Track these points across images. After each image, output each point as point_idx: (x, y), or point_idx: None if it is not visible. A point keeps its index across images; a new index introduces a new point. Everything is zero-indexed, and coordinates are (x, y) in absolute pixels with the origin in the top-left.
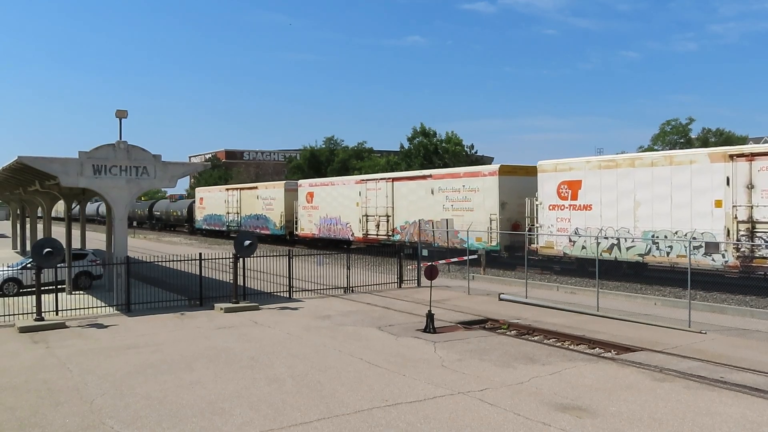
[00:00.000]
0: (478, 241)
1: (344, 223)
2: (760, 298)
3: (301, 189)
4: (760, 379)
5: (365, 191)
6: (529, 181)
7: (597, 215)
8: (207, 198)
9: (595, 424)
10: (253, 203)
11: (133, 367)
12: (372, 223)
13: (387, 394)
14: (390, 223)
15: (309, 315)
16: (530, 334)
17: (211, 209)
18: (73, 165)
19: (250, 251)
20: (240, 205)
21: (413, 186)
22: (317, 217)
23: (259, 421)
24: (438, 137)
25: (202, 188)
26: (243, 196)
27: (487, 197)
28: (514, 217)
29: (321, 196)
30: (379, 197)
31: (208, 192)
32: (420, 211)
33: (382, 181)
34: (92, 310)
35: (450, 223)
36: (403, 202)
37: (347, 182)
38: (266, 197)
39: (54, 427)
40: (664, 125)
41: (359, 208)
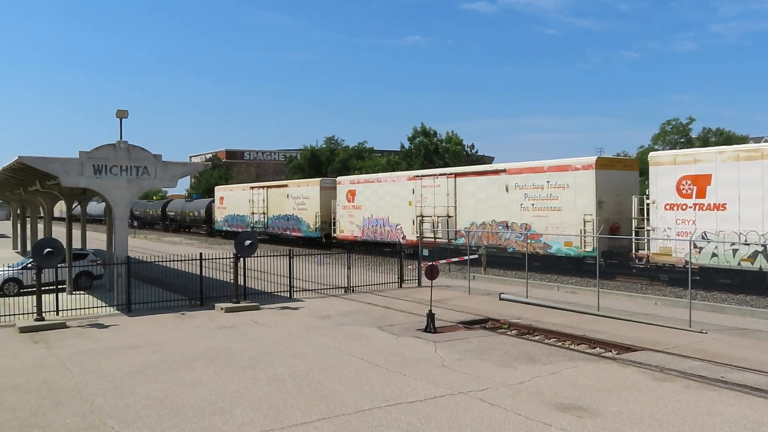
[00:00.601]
0: (567, 246)
1: (393, 225)
2: (760, 298)
3: (340, 187)
4: (760, 378)
5: (420, 189)
6: (628, 176)
7: (733, 216)
8: (228, 197)
9: (595, 424)
10: (282, 203)
11: (134, 367)
12: (429, 225)
13: (388, 394)
14: (452, 224)
15: (309, 315)
16: (531, 334)
17: (232, 209)
18: (74, 165)
19: (250, 251)
20: (267, 205)
21: (482, 182)
22: (360, 218)
23: (260, 420)
24: (438, 137)
25: (223, 187)
26: (271, 195)
27: (579, 195)
28: (612, 218)
29: (365, 194)
30: (439, 195)
31: (230, 191)
32: (490, 211)
33: (442, 177)
34: (93, 310)
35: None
36: (468, 200)
37: (398, 178)
38: (298, 196)
39: (54, 427)
40: (664, 125)
41: (412, 208)
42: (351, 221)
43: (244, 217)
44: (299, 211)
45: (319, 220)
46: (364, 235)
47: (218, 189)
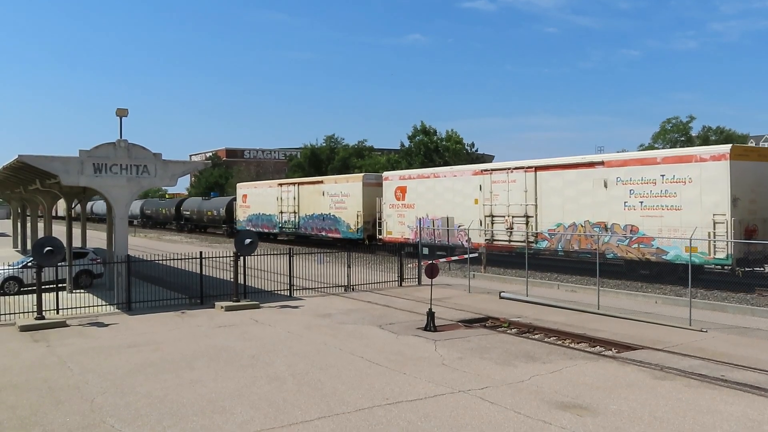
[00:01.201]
0: (689, 252)
1: (456, 226)
2: (761, 296)
3: (387, 183)
4: (761, 377)
5: (489, 184)
6: (763, 168)
7: None
8: (252, 195)
9: (595, 423)
10: (316, 201)
11: (134, 366)
12: (501, 226)
13: (388, 393)
14: (532, 225)
15: (310, 313)
16: (531, 333)
17: (257, 208)
18: (74, 164)
19: (250, 249)
20: (298, 203)
21: (572, 177)
22: (412, 218)
23: (260, 419)
24: (438, 135)
25: (246, 183)
26: (302, 192)
27: (706, 191)
28: (747, 219)
29: (418, 191)
30: (514, 192)
31: (254, 188)
32: (583, 210)
33: (518, 171)
34: (93, 308)
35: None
36: (553, 198)
37: (460, 173)
38: (336, 193)
39: (55, 425)
40: (664, 123)
41: (479, 207)
42: (401, 221)
43: (271, 216)
44: (337, 209)
45: (361, 220)
46: (417, 237)
47: (241, 186)
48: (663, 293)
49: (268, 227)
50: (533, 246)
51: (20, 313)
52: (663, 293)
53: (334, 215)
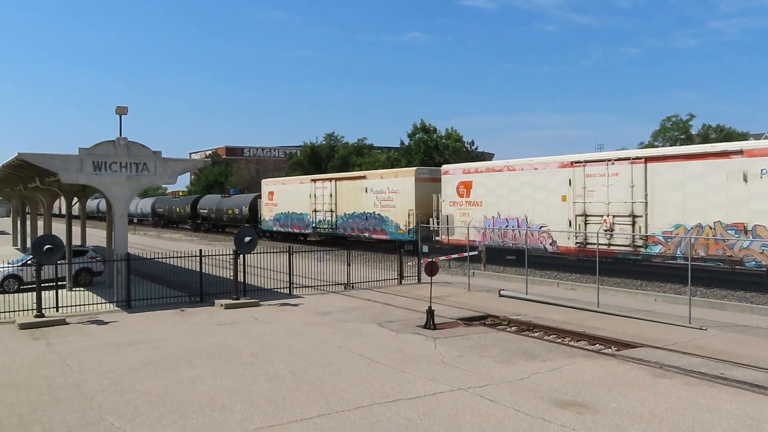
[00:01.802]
0: None
1: (534, 227)
2: (760, 295)
3: (448, 178)
4: (760, 375)
5: (582, 178)
6: None
7: None
8: (280, 192)
9: (595, 420)
10: (357, 198)
11: (134, 364)
12: (597, 227)
13: (387, 391)
14: (640, 227)
15: (309, 311)
16: (530, 331)
17: (286, 206)
18: (74, 162)
19: (250, 247)
20: (335, 201)
21: (696, 169)
22: (480, 217)
23: (260, 417)
24: (438, 134)
25: (273, 180)
26: (341, 188)
27: None
28: None
29: (487, 186)
30: (616, 188)
31: (282, 185)
32: (712, 209)
33: (621, 162)
34: (92, 306)
35: None
36: (669, 194)
37: (543, 165)
38: (382, 190)
39: (54, 423)
40: (664, 121)
41: (568, 205)
42: (465, 221)
43: (302, 215)
44: (384, 208)
45: (413, 220)
46: (485, 239)
47: (267, 182)
48: (662, 291)
49: (299, 227)
50: (642, 251)
51: (20, 311)
52: (662, 291)
53: (380, 214)
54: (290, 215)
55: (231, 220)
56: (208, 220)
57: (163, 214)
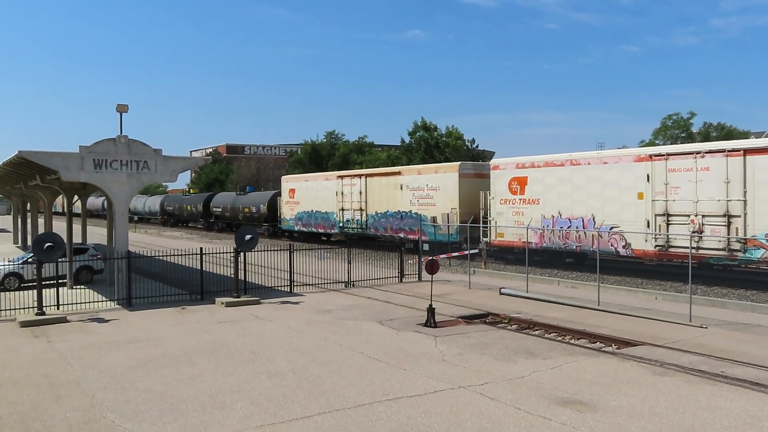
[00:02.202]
0: None
1: (604, 227)
2: (761, 293)
3: (498, 174)
4: (760, 373)
5: (663, 173)
6: None
7: None
8: (302, 189)
9: (595, 419)
10: (390, 195)
11: (134, 362)
12: (682, 228)
13: (388, 388)
14: (737, 228)
15: (310, 309)
16: (531, 329)
17: (309, 204)
18: (74, 159)
19: (251, 245)
20: (366, 199)
21: None
22: (536, 216)
23: (260, 415)
24: (439, 131)
25: (294, 176)
26: (372, 185)
27: None
28: None
29: (545, 182)
30: (707, 183)
31: (305, 181)
32: None
33: (712, 155)
34: (93, 304)
35: None
36: None
37: (614, 159)
38: (419, 186)
39: (55, 421)
40: (665, 120)
41: (645, 203)
42: (519, 221)
43: (328, 214)
44: (422, 206)
45: (457, 220)
46: (543, 241)
47: (287, 179)
48: (663, 289)
49: (324, 227)
50: (739, 255)
51: (21, 308)
52: (663, 289)
53: (418, 213)
54: (314, 214)
55: (247, 219)
56: (221, 219)
57: (172, 212)
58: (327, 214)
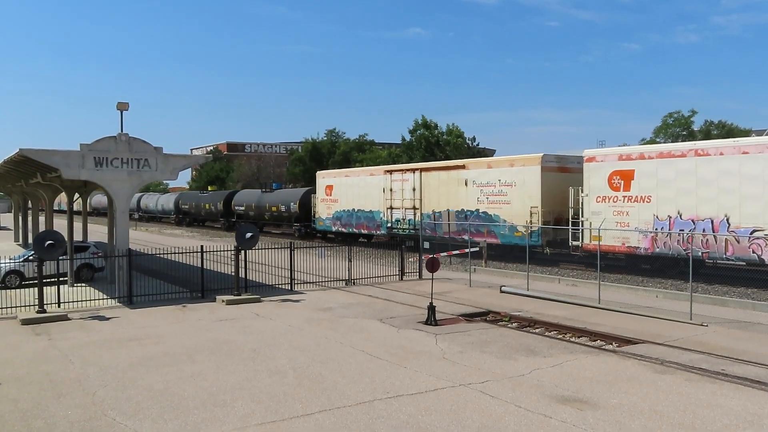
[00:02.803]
0: None
1: (742, 231)
2: (761, 291)
3: (595, 166)
4: (761, 371)
5: None
6: None
7: None
8: (342, 186)
9: (596, 416)
10: (453, 192)
11: (135, 359)
12: None
13: (388, 386)
14: None
15: (310, 307)
16: (531, 327)
17: (350, 202)
18: (75, 157)
19: (251, 243)
20: (420, 196)
21: None
22: (647, 217)
23: (261, 412)
24: (439, 129)
25: (331, 171)
26: (429, 181)
27: None
28: None
29: (659, 176)
30: None
31: (345, 177)
32: None
33: None
34: (94, 302)
35: None
36: None
37: (756, 149)
38: (490, 182)
39: (56, 418)
40: (666, 117)
41: None
42: (621, 222)
43: (373, 213)
44: (492, 204)
45: (538, 220)
46: (656, 246)
47: (324, 175)
48: (664, 287)
49: (368, 227)
50: None
51: (22, 306)
52: (664, 287)
53: (487, 212)
54: (355, 213)
55: (275, 218)
56: (245, 218)
57: (188, 211)
58: (372, 214)
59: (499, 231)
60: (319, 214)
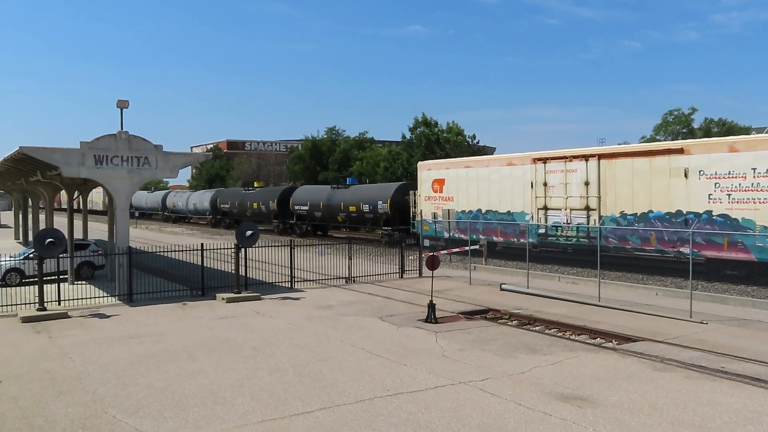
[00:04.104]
0: None
1: None
2: (761, 289)
3: None
4: (761, 369)
5: None
6: None
7: None
8: (459, 180)
9: (595, 414)
10: (662, 186)
11: (136, 357)
12: None
13: (388, 384)
14: None
15: (310, 305)
16: (531, 324)
17: (472, 201)
18: (75, 155)
19: (251, 241)
20: (598, 192)
21: None
22: None
23: (261, 410)
24: (439, 127)
25: (441, 162)
26: (611, 171)
27: None
28: None
29: None
30: None
31: (466, 169)
32: None
33: None
34: (94, 300)
35: None
36: None
37: None
38: (734, 172)
39: (57, 416)
40: (666, 115)
41: None
42: None
43: (514, 216)
44: (736, 204)
45: None
46: None
47: (429, 166)
48: (664, 285)
49: (505, 233)
50: None
51: (22, 304)
52: (664, 285)
53: (728, 215)
54: (483, 215)
55: (354, 220)
56: (308, 219)
57: (228, 211)
58: (511, 216)
59: (751, 243)
60: (424, 215)
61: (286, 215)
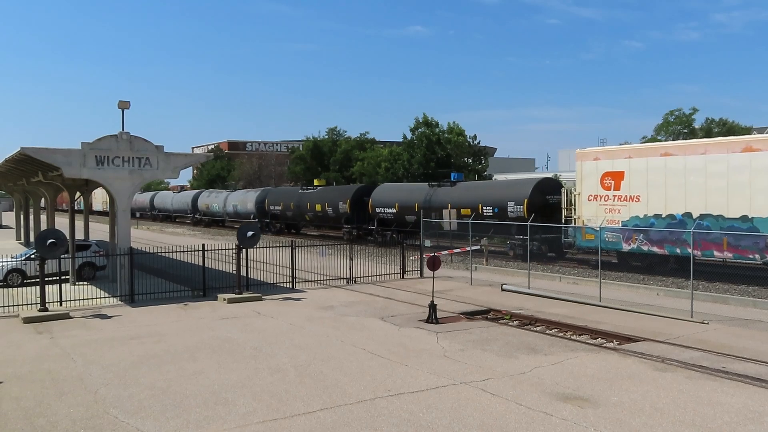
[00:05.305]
0: None
1: None
2: (762, 289)
3: None
4: (761, 369)
5: None
6: None
7: None
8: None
9: (596, 414)
10: None
11: (137, 357)
12: None
13: (389, 384)
14: None
15: (312, 305)
16: (532, 325)
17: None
18: (76, 156)
19: (253, 242)
20: None
21: None
22: None
23: (262, 410)
24: (440, 127)
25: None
26: None
27: None
28: None
29: None
30: None
31: (659, 158)
32: None
33: None
34: (96, 300)
35: None
36: None
37: None
38: None
39: (59, 416)
40: (667, 115)
41: None
42: None
43: (753, 223)
44: None
45: None
46: None
47: (596, 155)
48: (665, 285)
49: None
50: None
51: (24, 304)
52: (665, 285)
53: None
54: (692, 222)
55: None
56: (396, 224)
57: (280, 213)
58: (750, 224)
59: None
60: (587, 221)
61: (361, 219)
